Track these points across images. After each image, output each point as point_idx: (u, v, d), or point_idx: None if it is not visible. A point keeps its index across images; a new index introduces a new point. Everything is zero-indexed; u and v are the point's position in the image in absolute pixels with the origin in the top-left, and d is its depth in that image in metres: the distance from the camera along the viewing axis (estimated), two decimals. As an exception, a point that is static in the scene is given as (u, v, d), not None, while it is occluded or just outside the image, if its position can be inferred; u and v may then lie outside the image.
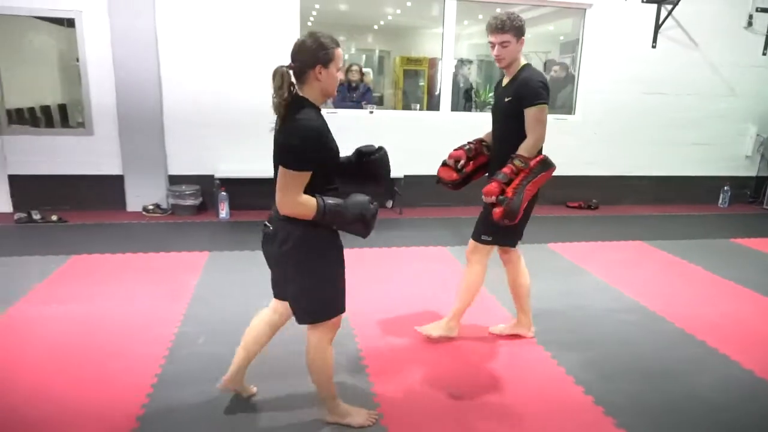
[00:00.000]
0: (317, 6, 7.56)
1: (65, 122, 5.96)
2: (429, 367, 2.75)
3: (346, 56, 10.17)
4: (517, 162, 2.57)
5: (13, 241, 4.66)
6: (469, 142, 2.95)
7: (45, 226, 5.08)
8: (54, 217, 5.21)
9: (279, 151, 1.88)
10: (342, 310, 2.09)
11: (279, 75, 1.87)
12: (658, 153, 6.73)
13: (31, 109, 5.86)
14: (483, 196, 2.59)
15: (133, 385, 2.46)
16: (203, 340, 2.91)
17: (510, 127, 2.71)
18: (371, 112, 5.86)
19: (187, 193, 5.55)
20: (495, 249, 2.96)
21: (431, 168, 3.30)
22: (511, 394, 2.52)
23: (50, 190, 5.47)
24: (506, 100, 2.69)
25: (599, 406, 2.43)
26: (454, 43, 6.06)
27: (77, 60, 5.39)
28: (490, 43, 2.66)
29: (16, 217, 5.18)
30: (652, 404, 2.48)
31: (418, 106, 7.39)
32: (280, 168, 1.85)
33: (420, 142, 5.89)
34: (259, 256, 2.16)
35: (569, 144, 6.44)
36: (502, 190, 2.53)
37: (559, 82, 6.65)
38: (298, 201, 1.86)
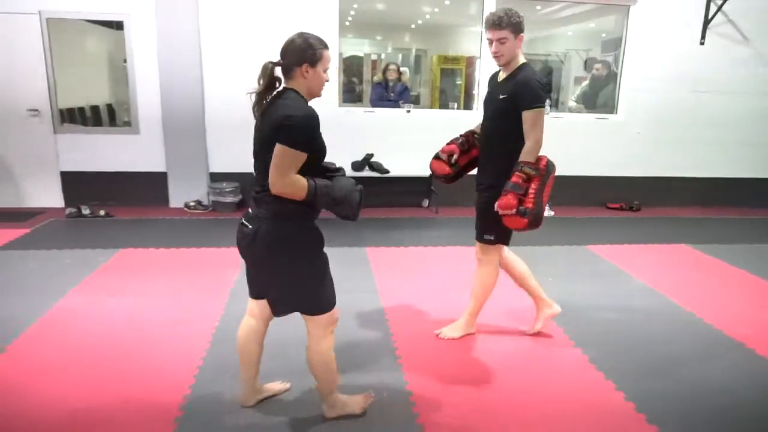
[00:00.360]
0: (355, 6, 7.61)
1: (113, 122, 6.19)
2: (464, 366, 2.74)
3: (383, 55, 10.20)
4: (526, 169, 2.54)
5: (64, 234, 4.87)
6: (461, 135, 2.95)
7: (93, 221, 5.29)
8: (102, 212, 5.42)
9: (275, 131, 1.85)
10: (335, 302, 2.10)
11: (263, 68, 1.94)
12: (705, 153, 6.49)
13: (81, 109, 6.10)
14: (499, 210, 2.54)
15: (176, 377, 2.54)
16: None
17: (500, 124, 2.70)
18: (408, 111, 5.85)
19: (227, 190, 5.68)
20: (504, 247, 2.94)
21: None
22: (547, 397, 2.48)
23: (98, 186, 5.69)
24: (501, 97, 2.65)
25: (641, 413, 2.36)
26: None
27: (125, 61, 5.59)
28: (488, 39, 2.64)
29: (67, 211, 5.41)
30: (696, 413, 2.40)
31: (455, 105, 7.34)
32: (278, 147, 1.84)
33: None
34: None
35: (610, 144, 6.30)
36: (520, 201, 2.51)
37: (601, 80, 6.50)
38: (291, 180, 1.87)
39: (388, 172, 5.74)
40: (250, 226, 1.97)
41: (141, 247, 4.44)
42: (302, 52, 1.92)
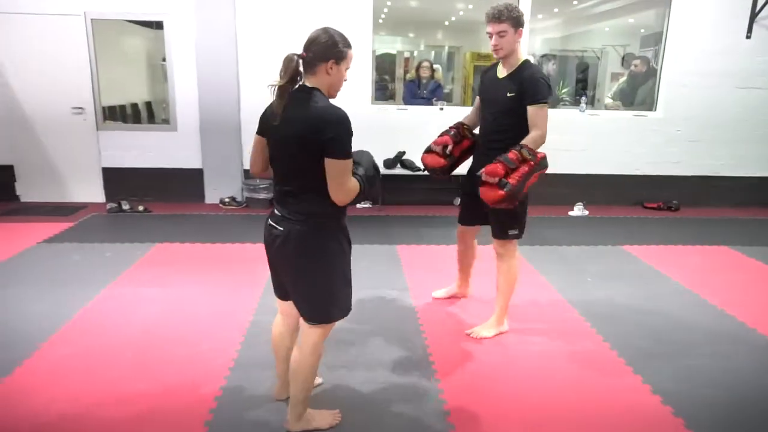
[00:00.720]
0: (389, 3, 7.61)
1: (152, 119, 6.36)
2: (496, 367, 2.72)
3: (416, 53, 10.16)
4: (525, 152, 2.56)
5: (105, 228, 5.03)
6: (451, 127, 2.98)
7: (132, 216, 5.45)
8: (140, 207, 5.58)
9: (316, 140, 1.79)
10: (349, 311, 2.08)
11: (288, 60, 1.87)
12: (748, 152, 6.25)
13: (122, 107, 6.30)
14: (483, 175, 2.56)
15: (211, 369, 2.60)
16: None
17: (507, 121, 2.74)
18: (441, 109, 5.83)
19: (261, 187, 5.77)
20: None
21: None
22: (583, 401, 2.44)
23: (137, 181, 5.86)
24: (509, 95, 2.70)
25: (679, 418, 2.30)
26: (528, 38, 5.90)
27: (163, 60, 5.74)
28: (488, 33, 2.69)
29: (108, 206, 5.59)
30: (738, 420, 2.32)
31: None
32: (332, 162, 1.80)
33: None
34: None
35: (648, 142, 6.13)
36: (506, 174, 2.52)
37: (640, 77, 6.33)
38: (350, 187, 1.87)
39: (420, 169, 5.73)
40: (281, 228, 1.92)
41: (177, 241, 4.55)
42: (329, 48, 1.88)
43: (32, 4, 5.39)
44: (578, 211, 5.88)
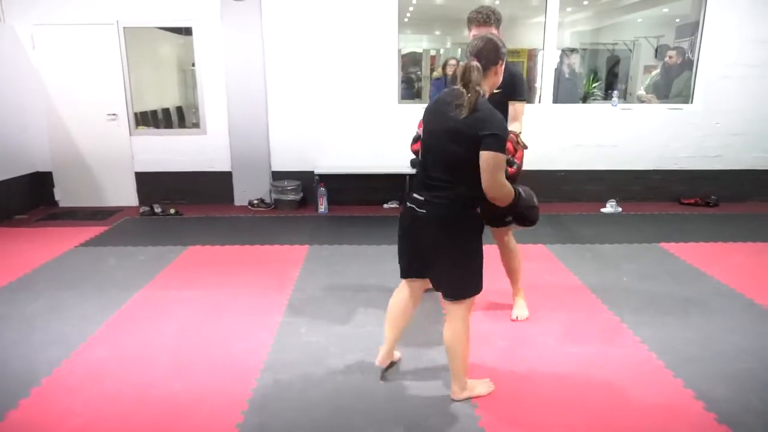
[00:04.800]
0: (414, 1, 7.57)
1: (182, 123, 6.48)
2: (529, 370, 2.65)
3: (442, 50, 10.10)
4: (520, 140, 2.67)
5: (138, 232, 5.14)
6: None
7: (164, 219, 5.55)
8: (172, 211, 5.68)
9: (478, 135, 2.00)
10: (481, 288, 2.26)
11: (476, 70, 2.03)
12: (792, 144, 5.99)
13: (154, 112, 6.43)
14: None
15: (244, 369, 2.62)
16: (305, 330, 3.03)
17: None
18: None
19: (289, 188, 5.80)
20: None
21: (531, 162, 3.15)
22: (620, 405, 2.36)
23: (168, 185, 5.97)
24: (495, 90, 2.78)
25: (723, 425, 2.21)
26: (556, 32, 5.78)
27: (193, 65, 5.83)
28: (474, 36, 2.74)
29: (141, 210, 5.71)
30: (788, 427, 2.21)
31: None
32: (489, 154, 2.00)
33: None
34: (356, 250, 2.20)
35: (684, 136, 5.94)
36: (513, 153, 2.60)
37: (674, 69, 6.13)
38: (504, 182, 2.07)
39: (447, 168, 5.68)
40: (423, 210, 2.12)
41: (209, 244, 4.62)
42: (497, 51, 2.13)
43: (68, 16, 5.54)
44: (611, 208, 5.73)
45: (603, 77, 9.11)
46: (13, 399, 2.38)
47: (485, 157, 2.00)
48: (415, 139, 2.99)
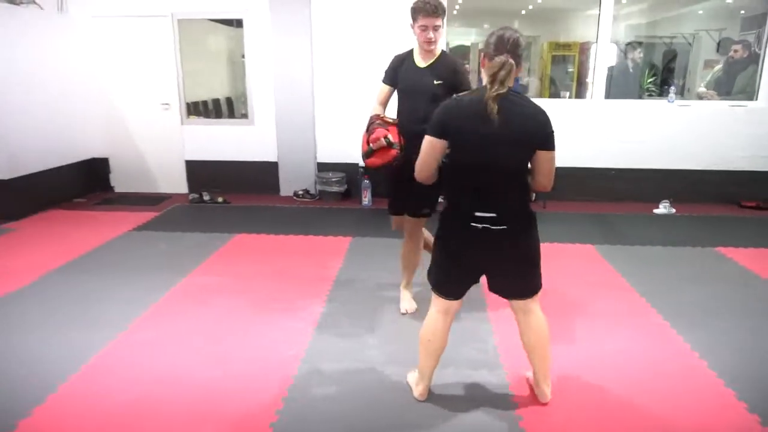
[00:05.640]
0: (464, -5, 7.46)
1: (231, 114, 6.63)
2: (573, 372, 2.58)
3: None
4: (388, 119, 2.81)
5: (187, 218, 5.31)
6: (374, 122, 2.86)
7: (213, 207, 5.70)
8: (220, 199, 5.83)
9: (538, 136, 1.96)
10: None
11: (510, 67, 1.91)
12: None
13: (205, 102, 6.60)
14: (373, 144, 2.73)
15: (284, 358, 2.66)
16: (346, 321, 3.06)
17: (432, 108, 2.67)
18: (516, 101, 5.63)
19: (333, 180, 5.85)
20: None
21: (580, 159, 3.08)
22: (669, 416, 2.27)
23: (216, 174, 6.12)
24: (436, 83, 2.83)
25: (780, 440, 2.09)
26: (611, 24, 5.57)
27: (243, 57, 5.94)
28: (423, 26, 2.75)
29: (190, 197, 5.89)
30: None
31: (567, 94, 6.94)
32: (549, 154, 1.98)
33: (570, 132, 5.57)
34: (398, 243, 2.19)
35: (747, 134, 5.62)
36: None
37: (739, 63, 5.81)
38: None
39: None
40: (505, 227, 2.03)
41: (255, 232, 4.71)
42: (523, 51, 2.01)
43: (124, 7, 5.75)
44: (664, 208, 5.50)
45: (659, 72, 8.74)
46: (63, 374, 2.51)
47: (548, 157, 1.99)
48: (368, 155, 2.81)
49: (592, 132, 5.74)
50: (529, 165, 2.04)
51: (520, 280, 2.18)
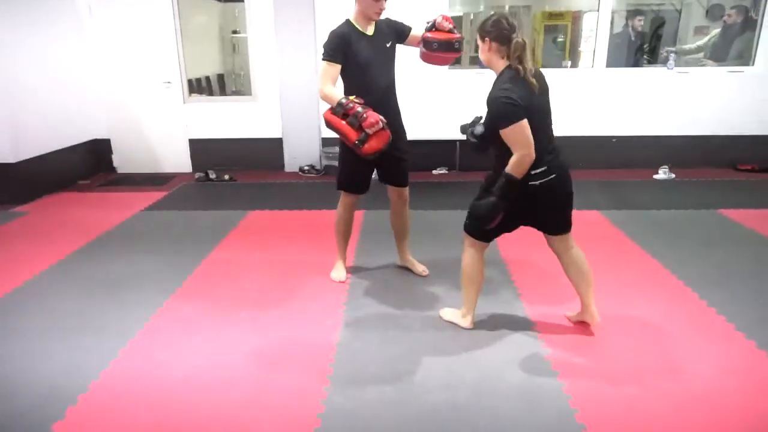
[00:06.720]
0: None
1: (222, 91, 6.50)
2: (597, 334, 2.70)
3: (472, 15, 9.84)
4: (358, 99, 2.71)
5: (197, 197, 5.31)
6: (351, 105, 2.66)
7: (220, 185, 5.71)
8: (226, 177, 5.83)
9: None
10: None
11: (524, 45, 2.30)
12: None
13: (198, 80, 6.50)
14: (370, 129, 2.63)
15: (326, 326, 2.76)
16: (374, 289, 3.15)
17: (393, 69, 2.97)
18: (519, 71, 5.67)
19: (340, 155, 5.87)
20: None
21: (585, 128, 3.11)
22: (693, 366, 2.40)
23: (220, 152, 6.11)
24: (388, 45, 2.91)
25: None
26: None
27: (233, 33, 5.86)
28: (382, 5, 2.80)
29: (196, 176, 5.88)
30: None
31: (569, 63, 6.95)
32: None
33: (572, 101, 5.65)
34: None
35: (744, 99, 5.75)
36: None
37: (734, 29, 5.90)
38: None
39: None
40: (555, 174, 2.37)
41: (267, 209, 4.75)
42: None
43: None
44: (663, 174, 5.64)
45: (646, 40, 8.80)
46: (108, 358, 2.57)
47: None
48: (363, 140, 2.66)
49: (594, 100, 5.82)
50: None
51: (565, 218, 2.52)
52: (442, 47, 2.86)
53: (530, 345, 2.57)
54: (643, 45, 6.53)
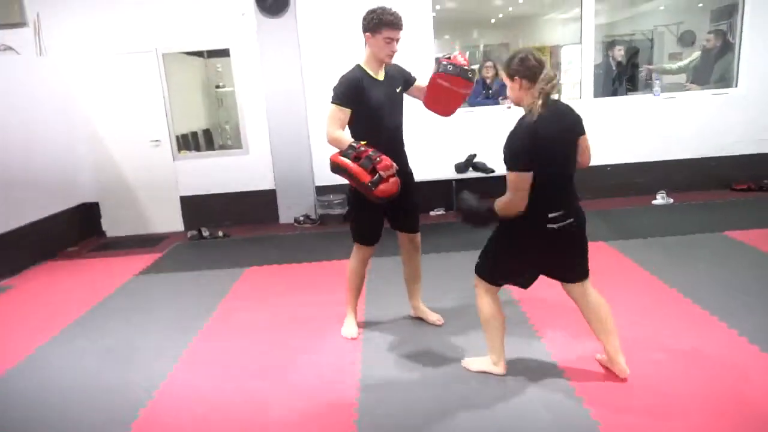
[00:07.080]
0: (437, 6, 7.54)
1: (210, 146, 6.44)
2: (648, 387, 2.57)
3: (477, 54, 10.05)
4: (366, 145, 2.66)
5: (192, 256, 5.14)
6: (363, 150, 2.62)
7: (214, 242, 5.55)
8: (220, 233, 5.69)
9: (579, 126, 2.35)
10: None
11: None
12: None
13: (185, 136, 6.44)
14: (385, 171, 2.57)
15: (343, 389, 2.59)
16: (390, 337, 3.02)
17: (402, 113, 2.95)
18: (509, 107, 5.70)
19: (335, 202, 5.79)
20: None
21: None
22: (730, 398, 2.27)
23: (213, 207, 5.98)
24: (398, 90, 2.90)
25: None
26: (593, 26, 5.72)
27: (217, 87, 5.85)
28: (388, 38, 2.72)
29: (189, 235, 5.72)
30: None
31: (557, 96, 7.03)
32: (585, 135, 2.36)
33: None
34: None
35: (731, 120, 5.83)
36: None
37: (713, 52, 6.03)
38: None
39: (493, 171, 5.63)
40: (573, 220, 2.28)
41: (265, 264, 4.59)
42: None
43: (110, 45, 5.62)
44: (661, 199, 5.63)
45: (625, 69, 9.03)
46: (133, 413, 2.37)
47: (586, 136, 2.37)
48: (375, 183, 2.57)
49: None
50: None
51: (581, 265, 2.40)
52: (455, 71, 2.73)
53: (559, 385, 2.46)
54: (622, 74, 6.65)
